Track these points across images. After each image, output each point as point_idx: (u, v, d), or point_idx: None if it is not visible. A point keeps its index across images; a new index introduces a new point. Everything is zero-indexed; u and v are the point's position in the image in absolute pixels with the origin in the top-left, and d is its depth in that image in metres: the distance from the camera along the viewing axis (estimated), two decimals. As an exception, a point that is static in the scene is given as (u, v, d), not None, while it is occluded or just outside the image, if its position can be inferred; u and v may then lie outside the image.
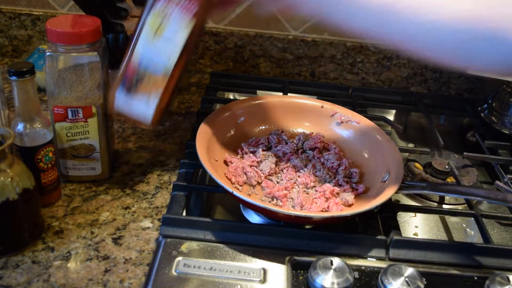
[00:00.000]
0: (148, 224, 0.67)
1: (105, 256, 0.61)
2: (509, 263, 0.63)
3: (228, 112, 0.79)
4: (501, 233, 0.75)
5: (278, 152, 0.77)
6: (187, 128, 0.89)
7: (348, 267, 0.57)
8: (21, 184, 0.58)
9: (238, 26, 1.08)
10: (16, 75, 0.59)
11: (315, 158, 0.76)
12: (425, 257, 0.63)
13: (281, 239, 0.63)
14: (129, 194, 0.72)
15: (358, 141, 0.79)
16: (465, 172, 0.83)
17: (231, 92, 1.03)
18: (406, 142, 0.99)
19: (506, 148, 0.89)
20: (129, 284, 0.57)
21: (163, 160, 0.80)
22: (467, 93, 1.11)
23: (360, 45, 1.07)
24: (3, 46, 1.10)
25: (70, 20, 0.66)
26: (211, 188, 0.73)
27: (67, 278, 0.57)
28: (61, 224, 0.65)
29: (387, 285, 0.56)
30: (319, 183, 0.72)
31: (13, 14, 1.07)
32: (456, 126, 1.05)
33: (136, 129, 0.87)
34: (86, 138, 0.69)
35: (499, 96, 0.94)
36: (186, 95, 1.01)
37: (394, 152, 0.73)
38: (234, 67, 1.11)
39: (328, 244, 0.63)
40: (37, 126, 0.64)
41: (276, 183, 0.71)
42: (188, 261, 0.59)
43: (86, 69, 0.66)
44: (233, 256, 0.61)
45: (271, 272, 0.59)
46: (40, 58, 1.00)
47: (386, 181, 0.69)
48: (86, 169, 0.72)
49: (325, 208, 0.67)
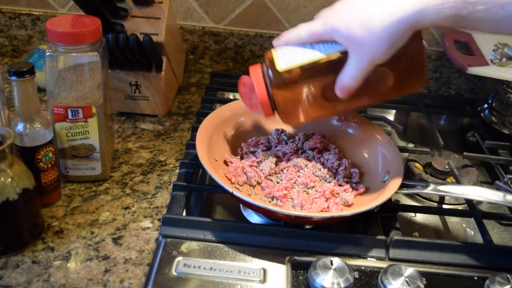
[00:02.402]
0: (148, 224, 0.67)
1: (105, 256, 0.61)
2: (509, 263, 0.63)
3: (228, 112, 0.79)
4: (501, 233, 0.75)
5: (278, 152, 0.77)
6: (187, 128, 0.90)
7: (348, 267, 0.57)
8: (21, 184, 0.58)
9: (238, 26, 1.08)
10: (16, 75, 0.59)
11: (315, 158, 0.76)
12: (425, 257, 0.63)
13: (281, 239, 0.63)
14: (129, 194, 0.72)
15: (358, 141, 0.79)
16: (465, 172, 0.83)
17: (231, 92, 1.03)
18: (406, 142, 0.99)
19: (506, 148, 0.89)
20: (129, 284, 0.57)
21: (163, 160, 0.80)
22: (467, 93, 1.11)
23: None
24: (3, 46, 1.10)
25: (70, 20, 0.66)
26: (211, 188, 0.73)
27: (67, 278, 0.57)
28: (61, 224, 0.65)
29: (387, 285, 0.56)
30: (319, 183, 0.72)
31: (13, 14, 1.06)
32: (456, 126, 1.05)
33: (136, 129, 0.87)
34: (86, 138, 0.69)
35: (499, 96, 0.94)
36: (186, 95, 1.01)
37: (394, 152, 0.73)
38: (234, 67, 1.11)
39: (328, 244, 0.63)
40: (37, 126, 0.64)
41: (276, 183, 0.71)
42: (188, 261, 0.59)
43: (86, 69, 0.66)
44: (233, 256, 0.61)
45: (271, 272, 0.59)
46: (40, 58, 1.00)
47: (386, 181, 0.69)
48: (86, 169, 0.72)
49: (325, 208, 0.67)
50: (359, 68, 0.60)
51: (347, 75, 0.62)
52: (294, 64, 0.64)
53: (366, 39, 0.57)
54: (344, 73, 0.62)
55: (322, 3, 1.04)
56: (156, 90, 0.88)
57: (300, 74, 0.64)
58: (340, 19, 0.60)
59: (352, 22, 0.58)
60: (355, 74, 0.61)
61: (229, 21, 1.07)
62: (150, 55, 0.83)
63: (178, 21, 1.07)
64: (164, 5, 0.87)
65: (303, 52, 0.64)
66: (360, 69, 0.60)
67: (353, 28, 0.58)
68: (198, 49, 1.10)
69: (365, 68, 0.60)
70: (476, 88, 1.10)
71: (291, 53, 0.65)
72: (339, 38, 0.61)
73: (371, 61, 0.59)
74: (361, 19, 0.57)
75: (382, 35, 0.57)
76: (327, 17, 0.62)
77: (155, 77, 0.87)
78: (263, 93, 0.66)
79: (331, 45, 0.63)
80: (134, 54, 0.82)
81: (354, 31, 0.58)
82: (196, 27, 1.07)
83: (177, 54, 0.97)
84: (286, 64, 0.64)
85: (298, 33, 0.65)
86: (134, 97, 0.89)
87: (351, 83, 0.62)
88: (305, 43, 0.64)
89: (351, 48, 0.60)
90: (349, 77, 0.61)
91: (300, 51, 0.64)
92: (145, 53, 0.82)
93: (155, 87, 0.88)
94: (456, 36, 1.01)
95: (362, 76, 0.61)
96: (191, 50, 1.10)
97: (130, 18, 0.85)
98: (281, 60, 0.64)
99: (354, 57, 0.60)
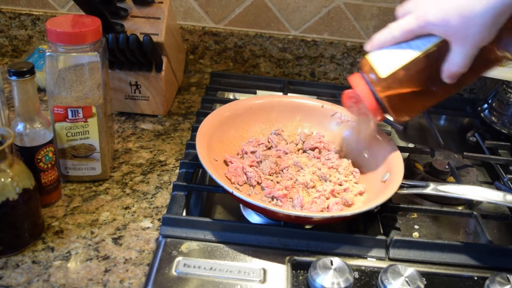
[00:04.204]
0: (148, 224, 0.67)
1: (105, 256, 0.61)
2: (509, 263, 0.63)
3: (228, 112, 0.79)
4: (501, 233, 0.75)
5: (278, 152, 0.77)
6: (187, 128, 0.90)
7: (348, 267, 0.57)
8: (21, 184, 0.58)
9: (238, 26, 1.08)
10: (16, 75, 0.59)
11: (315, 158, 0.76)
12: (425, 257, 0.63)
13: (281, 239, 0.63)
14: (129, 194, 0.72)
15: (358, 141, 0.79)
16: (465, 172, 0.83)
17: (231, 92, 1.03)
18: (406, 142, 0.99)
19: (506, 148, 0.89)
20: (129, 284, 0.57)
21: (163, 160, 0.80)
22: (467, 93, 1.11)
23: (360, 45, 1.07)
24: (3, 46, 1.10)
25: (70, 20, 0.66)
26: (211, 188, 0.73)
27: (67, 278, 0.57)
28: (61, 224, 0.65)
29: (387, 285, 0.56)
30: (319, 183, 0.72)
31: (13, 14, 1.07)
32: (456, 126, 1.05)
33: (136, 129, 0.87)
34: (86, 138, 0.69)
35: (499, 96, 0.94)
36: (186, 95, 1.01)
37: (394, 152, 0.73)
38: (234, 67, 1.11)
39: (328, 244, 0.63)
40: (37, 126, 0.64)
41: (276, 183, 0.71)
42: (188, 261, 0.59)
43: (86, 69, 0.66)
44: (233, 256, 0.61)
45: (271, 272, 0.59)
46: (40, 58, 1.00)
47: (386, 181, 0.69)
48: (86, 169, 0.72)
49: (325, 208, 0.67)
50: (465, 55, 0.60)
51: (454, 63, 0.61)
52: (396, 67, 0.63)
53: (468, 28, 0.57)
54: (450, 62, 0.61)
55: (322, 3, 1.04)
56: (156, 90, 0.88)
57: (404, 74, 0.63)
58: (434, 12, 0.59)
59: (449, 14, 0.57)
60: (462, 61, 0.60)
61: (229, 21, 1.07)
62: (150, 55, 0.83)
63: (178, 21, 1.07)
64: (164, 5, 0.87)
65: (402, 53, 0.63)
66: (466, 55, 0.60)
67: (451, 19, 0.57)
68: (198, 49, 1.10)
69: (471, 53, 0.60)
70: (476, 88, 1.10)
71: (389, 56, 0.64)
72: (437, 31, 0.60)
73: (476, 46, 0.59)
74: (459, 8, 0.57)
75: (484, 20, 0.56)
76: (419, 12, 0.61)
77: (155, 77, 0.87)
78: (372, 102, 0.66)
79: (427, 39, 0.62)
80: (134, 54, 0.82)
81: (452, 22, 0.57)
82: (196, 27, 1.07)
83: (177, 54, 0.97)
84: (388, 69, 0.63)
85: (391, 34, 0.64)
86: (134, 97, 0.89)
87: (460, 70, 0.61)
88: (400, 42, 0.64)
89: (453, 39, 0.59)
90: (456, 64, 0.61)
91: (398, 52, 0.64)
92: (145, 53, 0.82)
93: (155, 87, 0.88)
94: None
95: (469, 61, 0.60)
96: (191, 50, 1.10)
97: (130, 18, 0.85)
98: (382, 66, 0.64)
99: (458, 46, 0.59)
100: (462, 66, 0.61)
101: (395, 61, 0.64)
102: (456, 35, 0.59)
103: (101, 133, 0.70)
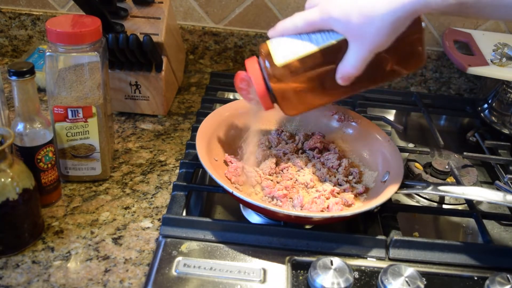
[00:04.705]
0: (148, 224, 0.67)
1: (105, 256, 0.61)
2: (509, 263, 0.63)
3: (228, 112, 0.79)
4: (501, 233, 0.75)
5: (278, 152, 0.77)
6: (187, 128, 0.90)
7: (348, 267, 0.57)
8: (21, 184, 0.58)
9: (238, 26, 1.08)
10: (16, 75, 0.59)
11: (315, 158, 0.76)
12: (425, 257, 0.63)
13: (281, 239, 0.63)
14: (129, 194, 0.72)
15: (358, 141, 0.79)
16: (465, 172, 0.83)
17: (231, 92, 1.03)
18: (406, 142, 0.99)
19: (506, 148, 0.89)
20: (129, 284, 0.57)
21: (163, 160, 0.80)
22: (467, 93, 1.11)
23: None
24: (3, 46, 1.10)
25: (70, 20, 0.66)
26: (211, 188, 0.73)
27: (67, 278, 0.57)
28: (61, 224, 0.65)
29: (387, 285, 0.56)
30: (319, 183, 0.72)
31: (13, 14, 1.07)
32: (456, 126, 1.05)
33: (136, 129, 0.87)
34: (86, 138, 0.69)
35: (499, 96, 0.94)
36: (186, 95, 1.01)
37: (394, 152, 0.73)
38: (234, 67, 1.11)
39: (328, 244, 0.63)
40: (37, 126, 0.64)
41: (276, 183, 0.71)
42: (188, 261, 0.59)
43: (86, 69, 0.66)
44: (233, 256, 0.61)
45: (271, 272, 0.59)
46: (40, 58, 1.00)
47: (386, 181, 0.69)
48: (86, 169, 0.72)
49: (325, 208, 0.67)
50: (360, 57, 0.59)
51: (348, 64, 0.60)
52: (292, 57, 0.62)
53: (366, 28, 0.56)
54: (345, 62, 0.61)
55: (322, 3, 1.04)
56: (156, 90, 0.88)
57: (299, 66, 0.62)
58: (337, 7, 0.58)
59: (351, 11, 0.57)
60: (356, 63, 0.60)
61: (229, 21, 1.07)
62: (150, 55, 0.83)
63: (178, 21, 1.07)
64: (164, 5, 0.87)
65: (300, 44, 0.62)
66: (361, 58, 0.59)
67: (352, 17, 0.57)
68: (198, 49, 1.10)
69: (366, 57, 0.59)
70: (476, 88, 1.10)
71: (288, 45, 0.63)
72: (337, 27, 0.59)
73: (372, 50, 0.58)
74: (360, 7, 0.56)
75: (383, 23, 0.55)
76: (323, 6, 0.60)
77: (155, 77, 0.87)
78: (261, 87, 0.64)
79: (328, 34, 0.62)
80: (134, 54, 0.82)
81: (353, 20, 0.57)
82: (196, 27, 1.07)
83: (177, 54, 0.97)
84: (284, 58, 0.62)
85: (294, 23, 0.63)
86: (134, 97, 0.89)
87: (353, 72, 0.60)
88: (302, 33, 0.63)
89: (351, 37, 0.59)
90: (350, 66, 0.60)
91: (297, 43, 0.62)
92: (145, 53, 0.82)
93: (155, 87, 0.88)
94: (456, 36, 1.01)
95: (364, 64, 0.60)
96: (191, 50, 1.10)
97: (130, 18, 0.85)
98: (278, 53, 0.63)
99: (355, 46, 0.59)
100: (356, 68, 0.60)
101: (292, 51, 0.62)
102: (355, 34, 0.58)
103: (101, 133, 0.70)
